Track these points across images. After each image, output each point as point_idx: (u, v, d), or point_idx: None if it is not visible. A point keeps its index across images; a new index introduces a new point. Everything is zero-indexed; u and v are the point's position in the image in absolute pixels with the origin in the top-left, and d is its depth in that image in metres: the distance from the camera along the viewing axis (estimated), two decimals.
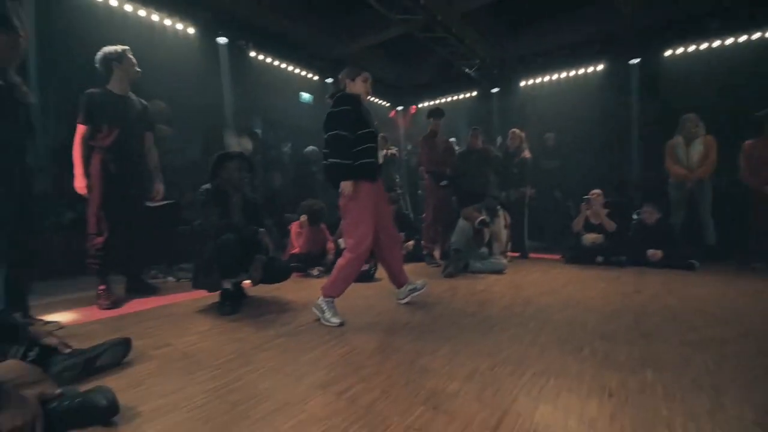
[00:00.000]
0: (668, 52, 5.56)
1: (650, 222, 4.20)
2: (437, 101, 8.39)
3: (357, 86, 2.36)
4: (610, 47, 5.93)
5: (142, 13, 4.68)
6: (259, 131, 6.43)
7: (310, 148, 6.82)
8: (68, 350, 1.45)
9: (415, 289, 2.61)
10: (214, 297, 2.60)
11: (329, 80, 7.32)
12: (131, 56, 2.83)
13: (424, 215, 4.92)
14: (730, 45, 5.24)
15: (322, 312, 2.18)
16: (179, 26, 5.00)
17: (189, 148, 5.20)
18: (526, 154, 4.95)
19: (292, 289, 3.16)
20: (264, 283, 2.83)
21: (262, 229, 2.68)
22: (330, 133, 2.22)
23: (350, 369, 1.52)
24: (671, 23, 5.42)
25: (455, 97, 8.20)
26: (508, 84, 7.18)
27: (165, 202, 3.28)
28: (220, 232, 2.49)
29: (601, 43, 5.99)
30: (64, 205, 3.96)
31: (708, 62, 5.33)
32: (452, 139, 6.62)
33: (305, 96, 7.77)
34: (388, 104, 8.75)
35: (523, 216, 5.02)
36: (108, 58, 2.75)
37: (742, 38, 5.13)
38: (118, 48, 2.77)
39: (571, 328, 2.00)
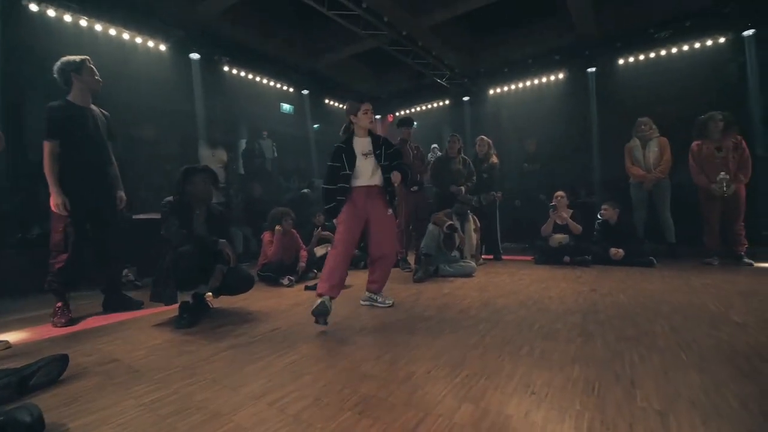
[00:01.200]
0: (621, 61, 5.85)
1: (612, 220, 4.34)
2: (413, 109, 8.52)
3: (360, 120, 2.62)
4: (569, 57, 6.19)
5: (112, 32, 4.68)
6: (275, 146, 6.48)
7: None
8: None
9: (376, 300, 2.78)
10: (176, 311, 2.59)
11: (305, 92, 7.40)
12: (92, 66, 2.77)
13: (397, 221, 4.98)
14: (676, 54, 5.57)
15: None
16: (150, 44, 5.01)
17: (165, 161, 5.20)
18: (494, 159, 5.07)
19: (258, 299, 3.16)
20: (226, 294, 2.85)
21: (223, 240, 2.69)
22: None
23: (290, 378, 1.55)
24: (623, 35, 5.71)
25: (430, 105, 8.35)
26: (478, 93, 7.37)
27: (151, 216, 3.28)
28: (178, 243, 2.50)
29: (561, 54, 6.24)
30: (32, 222, 3.91)
31: (657, 70, 5.63)
32: (434, 146, 6.77)
33: (286, 107, 7.84)
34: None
35: (495, 219, 5.12)
36: (66, 69, 2.68)
37: (686, 47, 5.45)
38: (77, 58, 2.71)
39: (519, 329, 2.06)
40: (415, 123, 4.71)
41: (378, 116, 8.94)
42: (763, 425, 1.06)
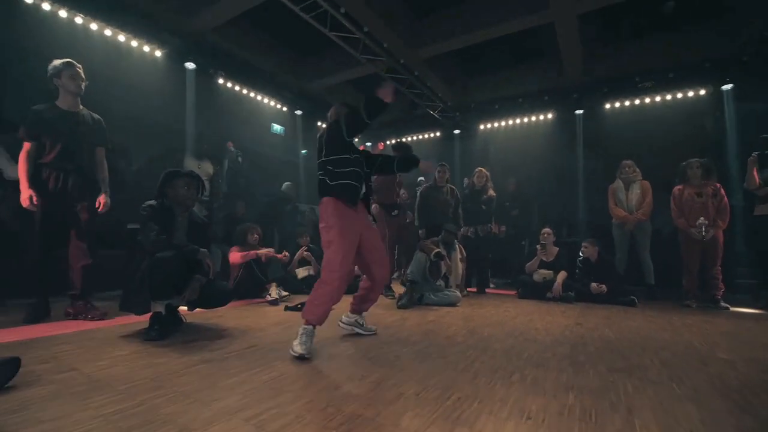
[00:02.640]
0: (608, 105, 6.18)
1: (593, 258, 4.39)
2: (404, 139, 8.68)
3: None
4: (558, 98, 6.50)
5: (108, 32, 4.66)
6: (240, 156, 6.35)
7: (288, 183, 6.83)
8: None
9: (360, 326, 2.47)
10: (146, 322, 2.41)
11: (299, 113, 7.47)
12: (74, 70, 2.77)
13: None
14: (659, 102, 5.93)
15: (297, 336, 1.97)
16: (146, 48, 5.00)
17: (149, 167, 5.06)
18: (491, 192, 5.11)
19: (234, 317, 3.01)
20: (201, 308, 2.69)
21: (203, 250, 2.57)
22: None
23: (269, 395, 1.43)
24: (610, 81, 6.05)
25: (420, 136, 8.54)
26: (468, 127, 7.60)
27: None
28: (156, 249, 2.37)
29: (550, 95, 6.55)
30: None
31: (641, 117, 5.97)
32: (421, 178, 6.83)
33: (277, 127, 7.84)
34: (356, 140, 8.97)
35: (488, 252, 5.12)
36: (50, 74, 2.73)
37: (669, 97, 5.82)
38: (58, 62, 2.74)
39: (508, 357, 2.00)
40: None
41: (369, 143, 9.09)
42: None
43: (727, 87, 5.39)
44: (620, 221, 4.56)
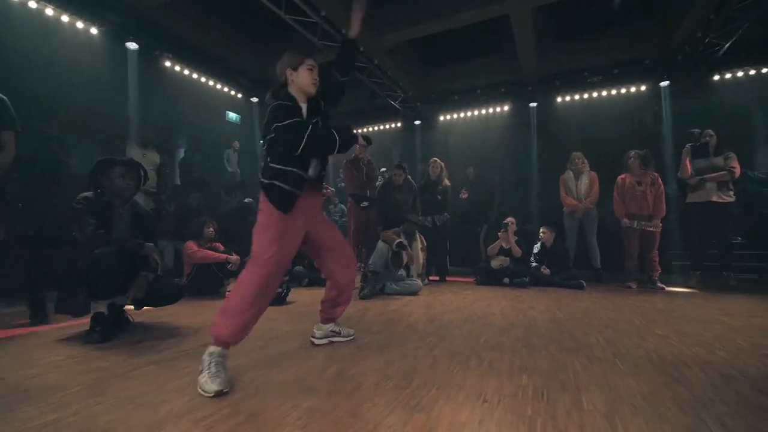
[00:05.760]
0: (559, 99, 6.48)
1: (549, 243, 4.62)
2: (365, 129, 8.61)
3: (301, 77, 1.79)
4: (514, 91, 6.73)
5: (32, 4, 4.17)
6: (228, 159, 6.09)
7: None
8: None
9: (337, 334, 2.07)
10: (86, 325, 2.22)
11: (255, 100, 7.16)
12: None
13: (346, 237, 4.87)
14: (606, 97, 6.31)
15: (201, 368, 1.42)
16: (80, 25, 4.53)
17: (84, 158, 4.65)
18: (447, 182, 5.19)
19: (186, 314, 2.85)
20: (149, 306, 2.52)
21: (149, 244, 2.40)
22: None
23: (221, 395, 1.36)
24: (561, 75, 6.33)
25: (382, 127, 8.51)
26: (429, 118, 7.67)
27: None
28: (93, 245, 2.18)
29: (506, 87, 6.76)
30: None
31: (589, 110, 6.34)
32: (383, 169, 6.79)
33: (232, 115, 7.48)
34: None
35: (445, 240, 5.21)
36: None
37: (614, 92, 6.19)
38: None
39: (466, 342, 2.05)
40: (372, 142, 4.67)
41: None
42: (700, 427, 1.11)
43: (665, 84, 5.81)
44: (571, 209, 4.82)
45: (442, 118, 7.65)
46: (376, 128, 8.54)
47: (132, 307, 2.46)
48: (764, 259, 4.96)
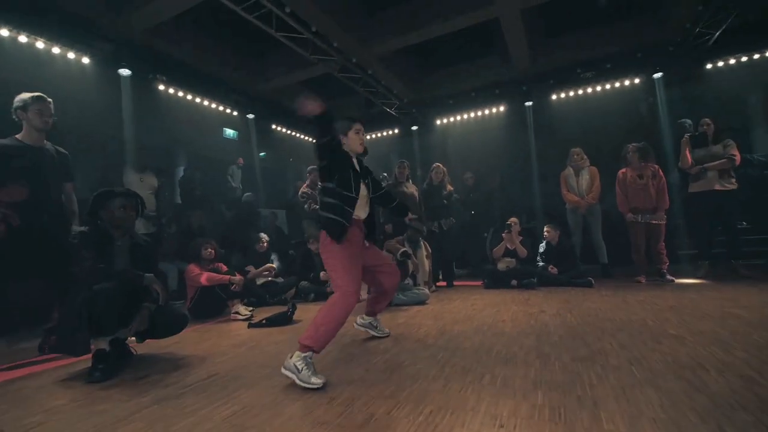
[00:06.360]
0: (554, 96, 6.45)
1: (554, 241, 4.58)
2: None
3: (351, 141, 2.23)
4: (508, 91, 6.71)
5: (22, 39, 4.18)
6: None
7: (249, 194, 6.62)
8: None
9: (375, 328, 2.59)
10: (88, 362, 2.18)
11: (251, 116, 7.16)
12: (43, 104, 2.71)
13: None
14: (600, 91, 6.27)
15: (297, 372, 1.73)
16: (71, 55, 4.54)
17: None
18: (450, 187, 5.15)
19: (192, 341, 2.82)
20: (153, 338, 2.49)
21: (149, 275, 2.37)
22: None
23: None
24: (555, 72, 6.31)
25: (379, 134, 8.49)
26: (426, 123, 7.66)
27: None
28: (93, 280, 2.15)
29: (501, 88, 6.73)
30: None
31: (585, 106, 6.31)
32: (384, 174, 6.77)
33: (229, 132, 7.51)
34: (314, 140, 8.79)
35: (451, 245, 5.17)
36: (15, 107, 2.67)
37: (608, 86, 6.17)
38: (26, 96, 2.68)
39: (478, 356, 2.00)
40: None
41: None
42: None
43: (658, 75, 5.78)
44: (573, 206, 4.77)
45: (438, 122, 7.63)
46: (373, 136, 8.52)
47: (134, 339, 2.42)
48: None
